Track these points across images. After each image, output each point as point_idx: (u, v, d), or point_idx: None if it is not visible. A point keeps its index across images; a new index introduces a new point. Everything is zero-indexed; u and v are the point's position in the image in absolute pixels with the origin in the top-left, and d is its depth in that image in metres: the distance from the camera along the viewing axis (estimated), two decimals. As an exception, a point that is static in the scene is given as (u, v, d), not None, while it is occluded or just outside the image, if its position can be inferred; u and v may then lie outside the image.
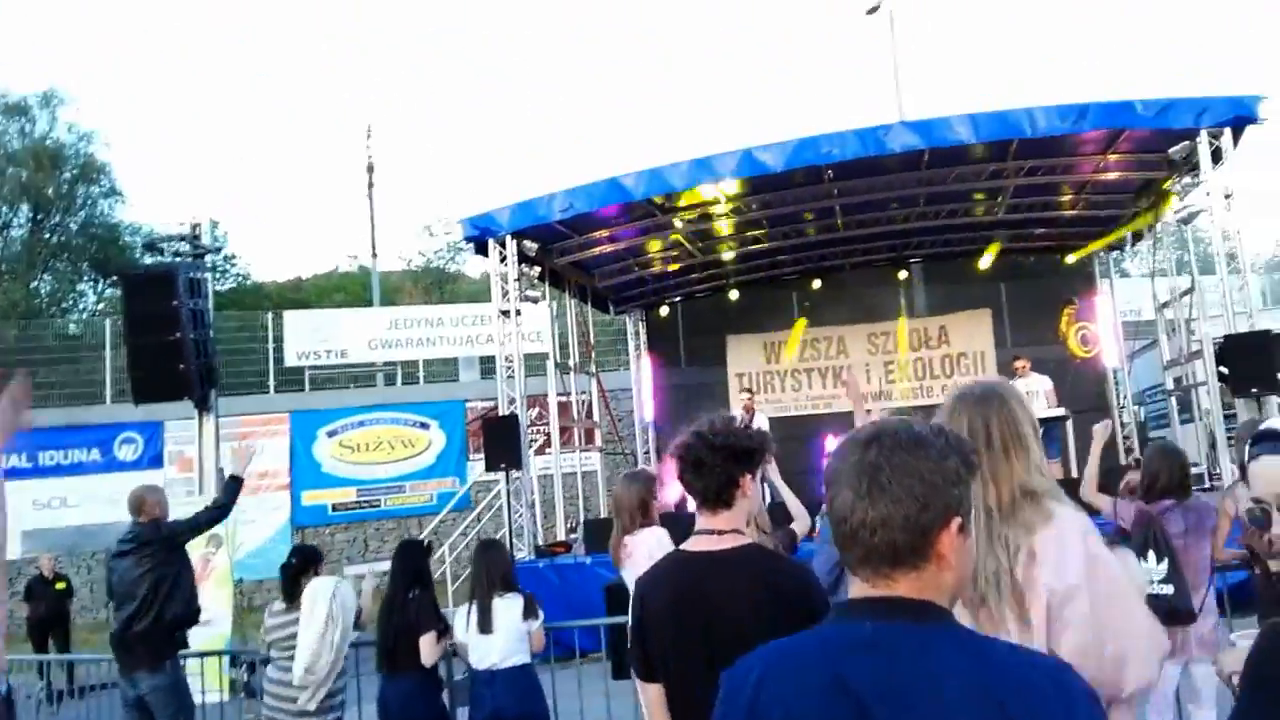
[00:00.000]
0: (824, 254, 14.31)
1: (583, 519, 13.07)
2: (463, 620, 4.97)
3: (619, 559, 4.72)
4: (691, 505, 2.76)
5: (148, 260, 12.20)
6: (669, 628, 2.56)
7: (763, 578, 2.52)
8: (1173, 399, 12.70)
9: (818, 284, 14.70)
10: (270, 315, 19.91)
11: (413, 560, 5.28)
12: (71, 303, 32.05)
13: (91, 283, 32.87)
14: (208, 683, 6.91)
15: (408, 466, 17.62)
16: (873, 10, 21.32)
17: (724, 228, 12.87)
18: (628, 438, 15.76)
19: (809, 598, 2.50)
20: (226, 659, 7.96)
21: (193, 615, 5.92)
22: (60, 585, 12.18)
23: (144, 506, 5.83)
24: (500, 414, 10.70)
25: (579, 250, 12.64)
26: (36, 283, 30.94)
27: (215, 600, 8.56)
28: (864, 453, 1.41)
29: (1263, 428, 2.19)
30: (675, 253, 13.53)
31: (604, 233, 12.39)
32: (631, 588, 4.93)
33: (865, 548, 1.38)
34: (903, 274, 14.67)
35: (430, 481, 17.61)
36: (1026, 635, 2.05)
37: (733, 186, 10.90)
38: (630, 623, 2.73)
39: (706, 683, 1.89)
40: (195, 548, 7.12)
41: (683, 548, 2.71)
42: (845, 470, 1.42)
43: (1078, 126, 9.53)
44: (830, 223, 12.86)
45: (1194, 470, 10.94)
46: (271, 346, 19.07)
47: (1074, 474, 11.53)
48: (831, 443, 12.47)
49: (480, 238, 11.14)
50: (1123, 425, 13.71)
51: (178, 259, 9.38)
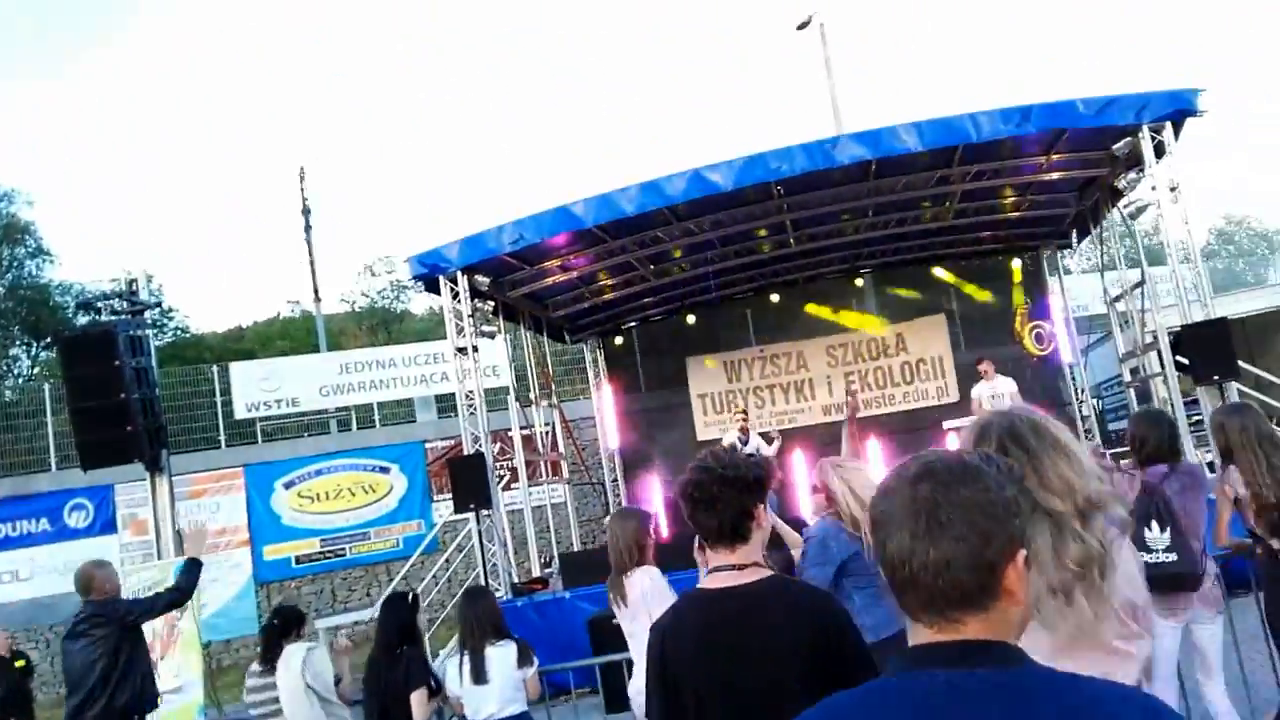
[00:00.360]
0: (778, 269, 14.29)
1: (556, 553, 12.86)
2: (454, 672, 4.78)
3: (617, 600, 4.57)
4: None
5: (83, 320, 11.81)
6: (700, 673, 2.38)
7: (800, 610, 2.37)
8: (1131, 390, 12.81)
9: (775, 299, 14.69)
10: (215, 368, 19.46)
11: (400, 615, 5.07)
12: (5, 368, 31.14)
13: (25, 347, 32.01)
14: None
15: (370, 512, 17.21)
16: (803, 26, 21.64)
17: (676, 250, 12.80)
18: (593, 467, 15.59)
19: (847, 629, 2.38)
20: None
21: (147, 701, 5.66)
22: (20, 664, 11.62)
23: (93, 584, 5.55)
24: (465, 453, 10.48)
25: (531, 281, 12.49)
26: (-35, 350, 30.10)
27: (185, 666, 8.23)
28: (915, 489, 1.32)
29: None
30: (628, 277, 13.44)
31: (555, 262, 12.25)
32: (626, 627, 4.80)
33: (929, 591, 1.29)
34: (859, 282, 14.70)
35: (395, 526, 17.22)
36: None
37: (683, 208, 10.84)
38: (649, 672, 2.54)
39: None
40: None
41: (702, 586, 2.54)
42: (897, 510, 1.32)
43: (1021, 128, 9.57)
44: (783, 238, 12.85)
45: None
46: (219, 400, 18.60)
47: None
48: (800, 457, 12.43)
49: (430, 275, 10.92)
50: (1083, 419, 13.87)
51: (115, 317, 9.06)
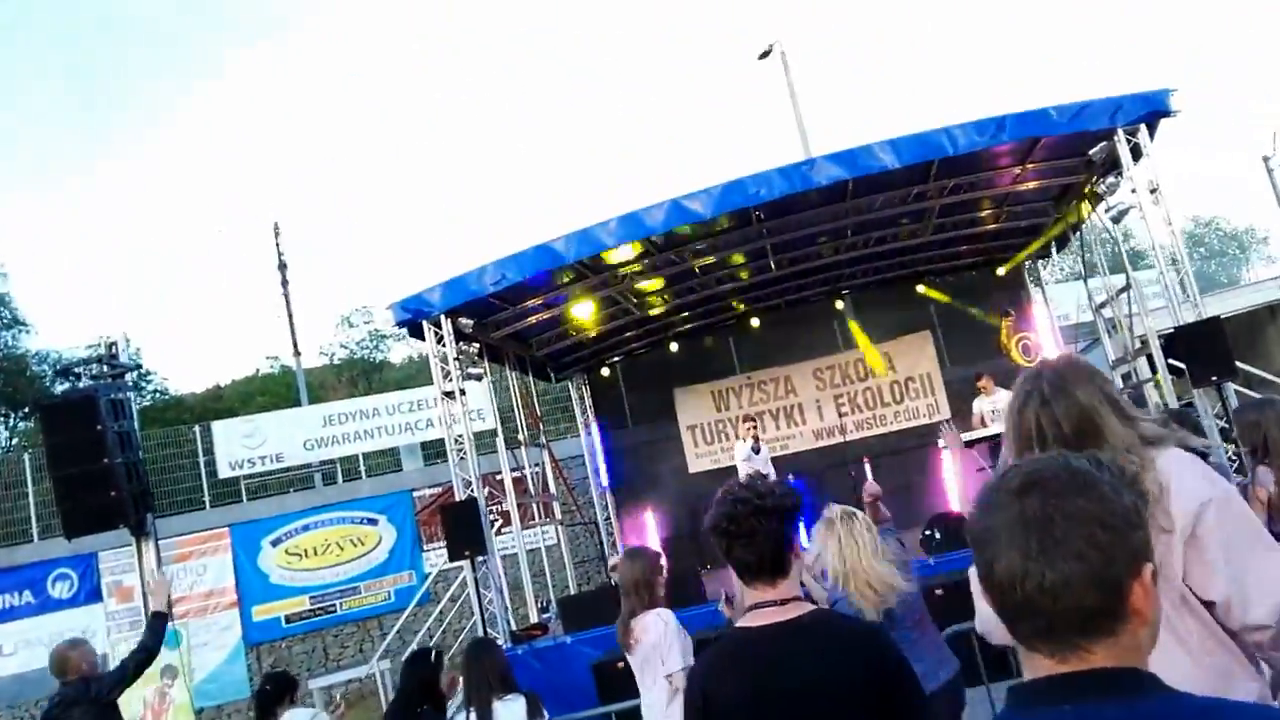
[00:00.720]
0: (760, 295, 14.21)
1: (553, 597, 12.64)
2: (462, 731, 4.59)
3: (628, 643, 4.43)
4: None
5: (61, 387, 11.59)
6: (750, 717, 2.24)
7: (853, 646, 2.25)
8: (1124, 396, 12.72)
9: (758, 324, 14.60)
10: (197, 427, 19.20)
11: (421, 673, 4.90)
12: (-16, 440, 30.71)
13: (3, 418, 31.63)
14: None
15: (360, 566, 16.89)
16: (764, 55, 21.78)
17: (658, 281, 12.71)
18: (585, 506, 15.40)
19: (902, 664, 2.25)
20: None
21: None
22: (4, 743, 11.36)
23: (68, 665, 5.30)
24: (456, 499, 10.28)
25: (514, 321, 12.36)
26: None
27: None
28: (1023, 502, 1.18)
29: None
30: (612, 311, 13.34)
31: (538, 300, 12.14)
32: (639, 672, 4.64)
33: (1047, 617, 1.16)
34: (839, 305, 14.64)
35: (386, 579, 16.92)
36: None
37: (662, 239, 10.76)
38: (688, 718, 2.39)
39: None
40: (150, 681, 6.64)
41: (744, 624, 2.38)
42: (1003, 527, 1.18)
43: (996, 139, 9.52)
44: (763, 263, 12.78)
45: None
46: (202, 459, 18.33)
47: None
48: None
49: (413, 320, 10.76)
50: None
51: (95, 381, 8.87)
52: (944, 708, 4.03)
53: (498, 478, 12.05)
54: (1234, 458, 7.58)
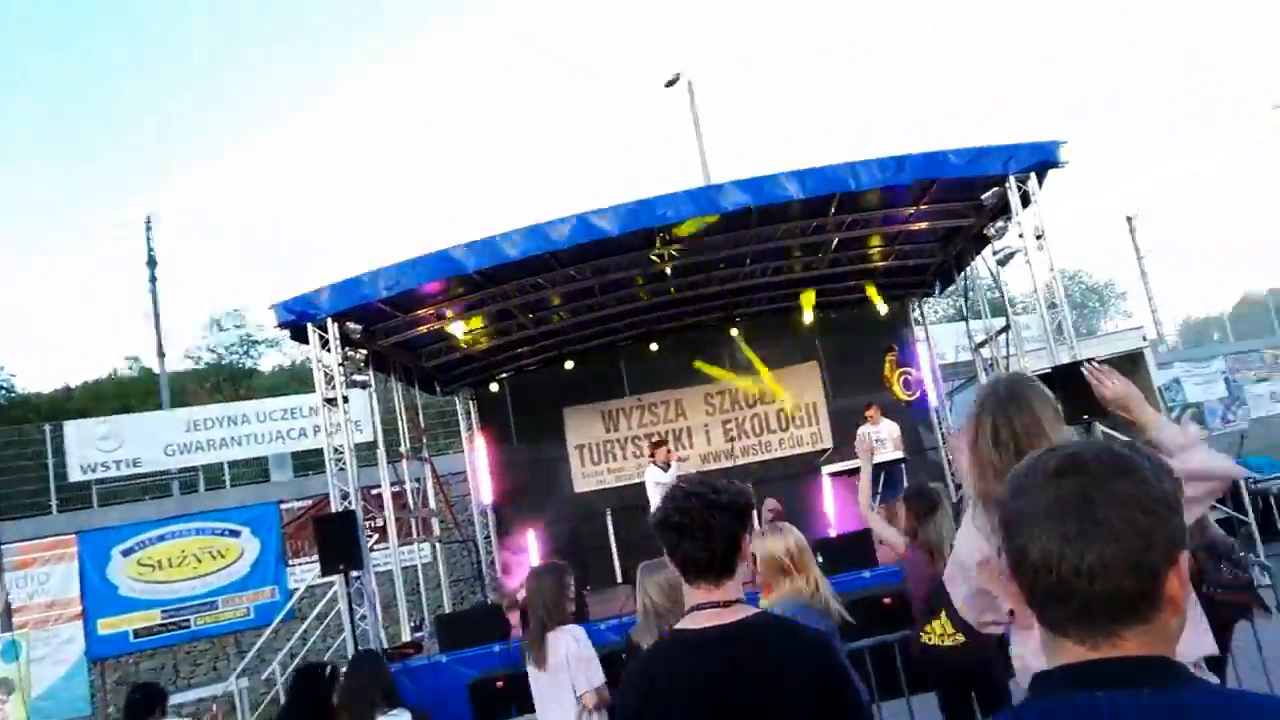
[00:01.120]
0: (657, 318, 14.17)
1: (426, 615, 12.24)
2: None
3: (538, 660, 4.24)
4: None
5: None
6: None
7: (802, 649, 2.15)
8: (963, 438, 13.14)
9: (654, 347, 14.55)
10: (48, 426, 18.01)
11: (313, 689, 4.58)
12: None
13: None
14: None
15: (219, 580, 15.91)
16: (671, 83, 21.98)
17: (555, 297, 12.52)
18: (463, 524, 15.00)
19: (847, 672, 2.17)
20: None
21: None
22: None
23: None
24: (334, 510, 9.84)
25: (404, 330, 11.98)
26: None
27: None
28: (1061, 483, 1.15)
29: None
30: (505, 325, 13.09)
31: (430, 310, 11.80)
32: (541, 690, 4.43)
33: (1082, 600, 1.13)
34: (734, 331, 14.70)
35: (246, 594, 16.01)
36: None
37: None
38: None
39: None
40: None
41: (685, 626, 2.24)
42: (1039, 509, 1.16)
43: (897, 178, 9.79)
44: (663, 285, 12.75)
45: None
46: (51, 461, 17.18)
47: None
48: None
49: (297, 322, 10.29)
50: (949, 462, 14.16)
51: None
52: None
53: (373, 491, 11.61)
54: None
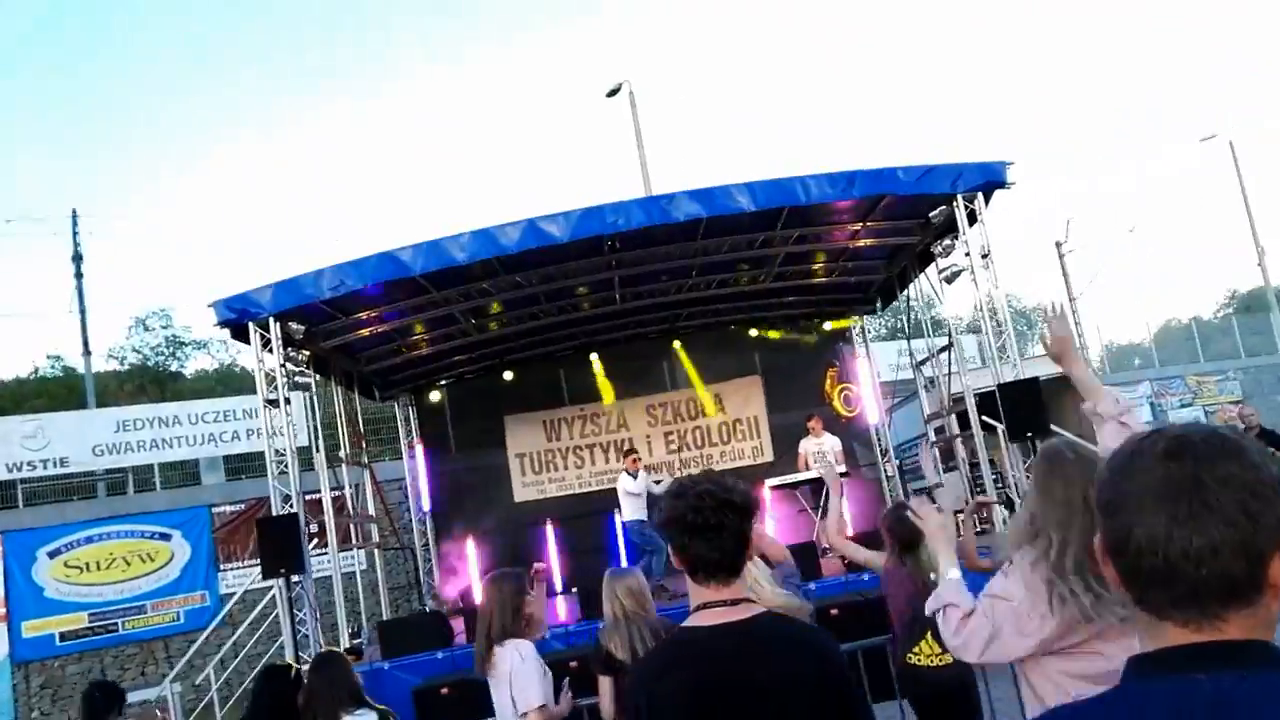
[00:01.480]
0: (600, 328, 14.13)
1: (365, 622, 12.08)
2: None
3: (485, 669, 4.19)
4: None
5: None
6: (702, 718, 2.10)
7: (808, 649, 2.16)
8: (935, 450, 13.38)
9: (595, 358, 14.51)
10: (-29, 424, 17.49)
11: (278, 689, 4.49)
12: None
13: None
14: None
15: (148, 583, 15.55)
16: (613, 93, 22.02)
17: (496, 304, 12.45)
18: (401, 530, 14.84)
19: (847, 671, 2.19)
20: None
21: None
22: None
23: None
24: (274, 513, 9.67)
25: (345, 332, 11.81)
26: None
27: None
28: (1169, 465, 1.13)
29: None
30: (448, 331, 12.98)
31: (374, 312, 11.65)
32: (500, 699, 4.38)
33: (1189, 584, 1.11)
34: (676, 343, 14.75)
35: (176, 598, 15.66)
36: None
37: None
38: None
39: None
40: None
41: (691, 624, 2.23)
42: (1145, 491, 1.13)
43: (846, 193, 9.89)
44: (609, 295, 12.73)
45: (959, 516, 11.55)
46: (-26, 460, 16.64)
47: (857, 529, 11.90)
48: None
49: (237, 321, 10.08)
50: (887, 478, 14.37)
51: None
52: None
53: (309, 496, 11.43)
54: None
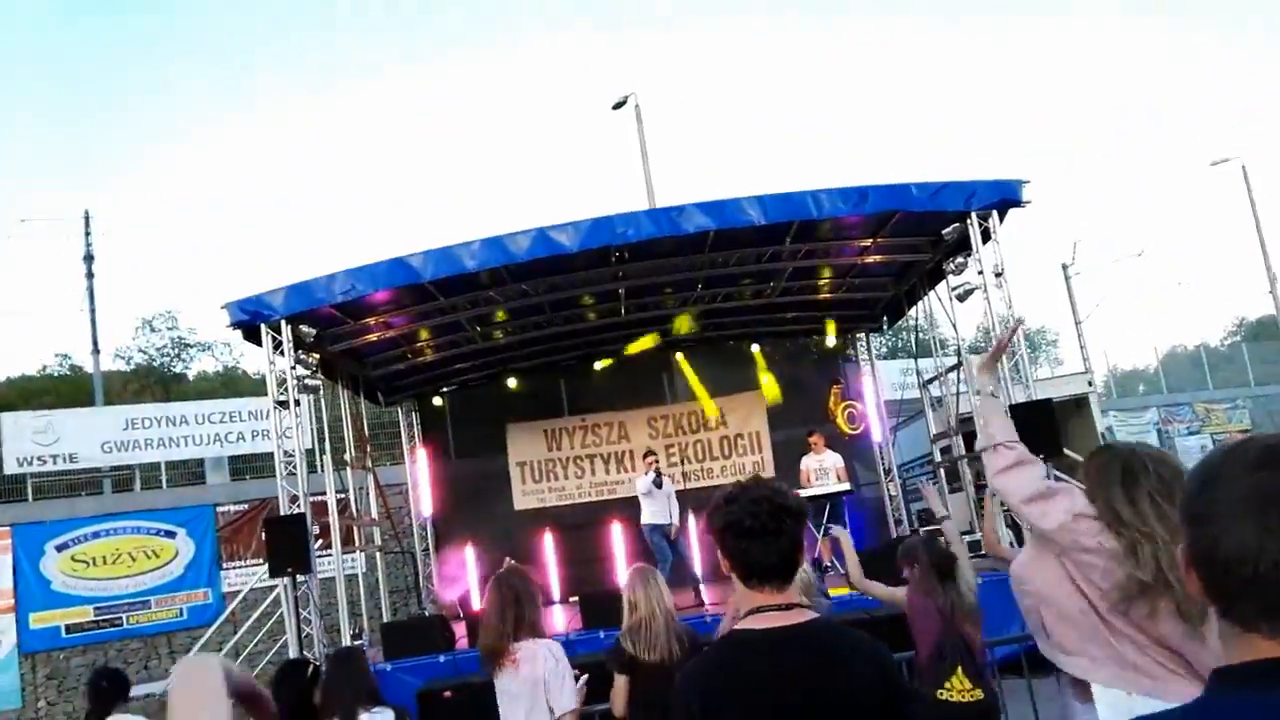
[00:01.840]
0: (604, 338, 14.21)
1: (366, 624, 12.15)
2: (318, 745, 4.28)
3: (500, 666, 4.19)
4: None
5: None
6: None
7: (866, 655, 2.16)
8: (941, 470, 13.40)
9: (598, 367, 14.57)
10: (-15, 419, 17.61)
11: (296, 685, 4.58)
12: None
13: None
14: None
15: (153, 579, 15.69)
16: (619, 105, 22.12)
17: (501, 312, 12.51)
18: (402, 534, 14.92)
19: (904, 678, 2.22)
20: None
21: None
22: None
23: None
24: (282, 514, 9.77)
25: (353, 337, 11.93)
26: None
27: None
28: (1259, 474, 1.11)
29: None
30: (453, 338, 13.08)
31: (381, 318, 11.76)
32: (512, 700, 4.36)
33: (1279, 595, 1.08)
34: (679, 355, 14.79)
35: (179, 594, 15.78)
36: None
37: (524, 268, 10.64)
38: None
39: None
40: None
41: (746, 627, 2.22)
42: (1236, 500, 1.11)
43: (859, 208, 9.86)
44: (614, 306, 12.82)
45: (967, 537, 11.59)
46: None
47: (860, 547, 11.95)
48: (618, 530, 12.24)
49: (250, 322, 10.21)
50: (890, 498, 14.39)
51: None
52: None
53: (314, 499, 11.52)
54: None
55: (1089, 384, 16.81)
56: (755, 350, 14.73)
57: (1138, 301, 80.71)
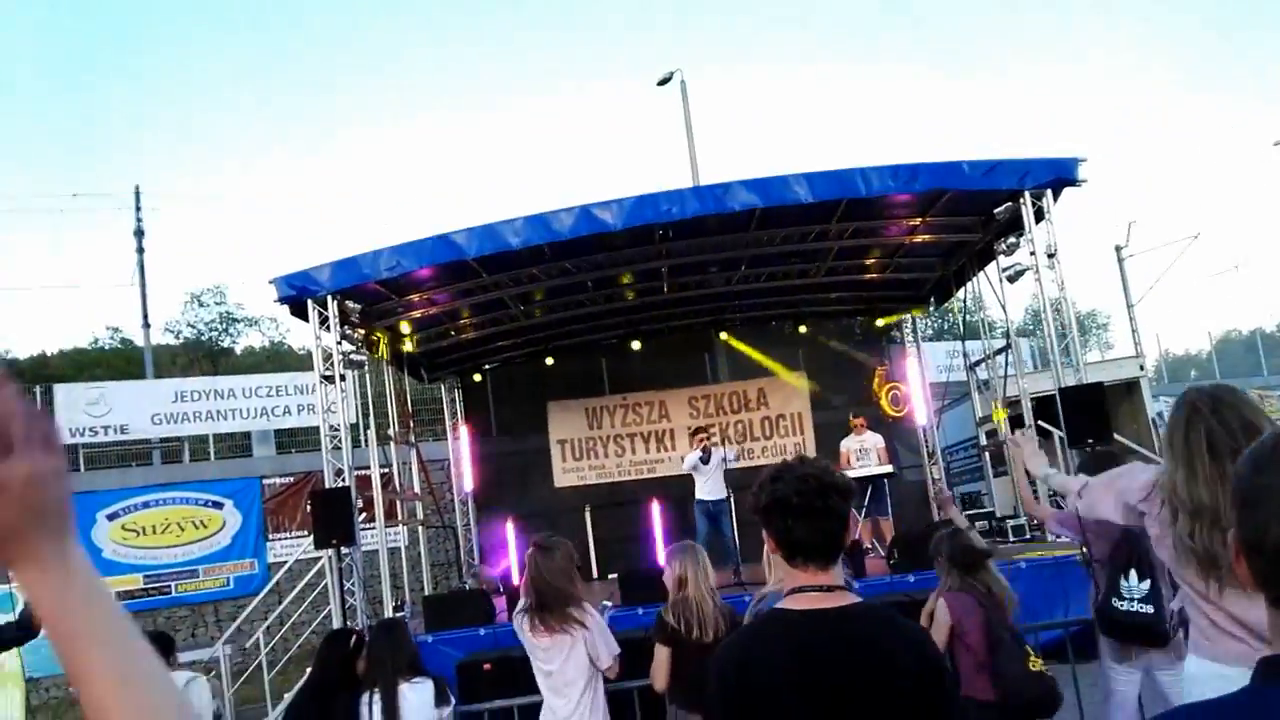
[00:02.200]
0: (645, 317, 14.19)
1: (409, 596, 12.28)
2: (364, 712, 4.33)
3: (545, 633, 4.27)
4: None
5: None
6: (797, 706, 2.06)
7: (908, 641, 2.13)
8: (986, 454, 13.25)
9: (639, 346, 14.57)
10: (38, 389, 17.97)
11: (342, 652, 4.66)
12: None
13: None
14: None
15: (201, 549, 16.01)
16: (664, 81, 22.02)
17: (539, 292, 12.52)
18: (444, 510, 15.06)
19: (942, 659, 2.19)
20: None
21: None
22: None
23: None
24: (327, 487, 9.88)
25: (398, 313, 12.01)
26: None
27: (7, 704, 7.45)
28: None
29: None
30: (495, 316, 13.12)
31: (425, 295, 11.81)
32: (557, 666, 4.42)
33: None
34: (724, 335, 14.77)
35: (226, 564, 16.10)
36: None
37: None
38: (713, 706, 2.19)
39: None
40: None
41: (786, 606, 2.20)
42: None
43: (909, 186, 9.69)
44: (656, 285, 12.78)
45: (1011, 522, 11.47)
46: (41, 423, 17.10)
47: (900, 529, 11.88)
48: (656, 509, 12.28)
49: (297, 298, 10.29)
50: (933, 481, 14.27)
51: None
52: None
53: (358, 473, 11.65)
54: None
55: (1140, 368, 16.53)
56: (799, 330, 14.67)
57: (1192, 285, 79.16)
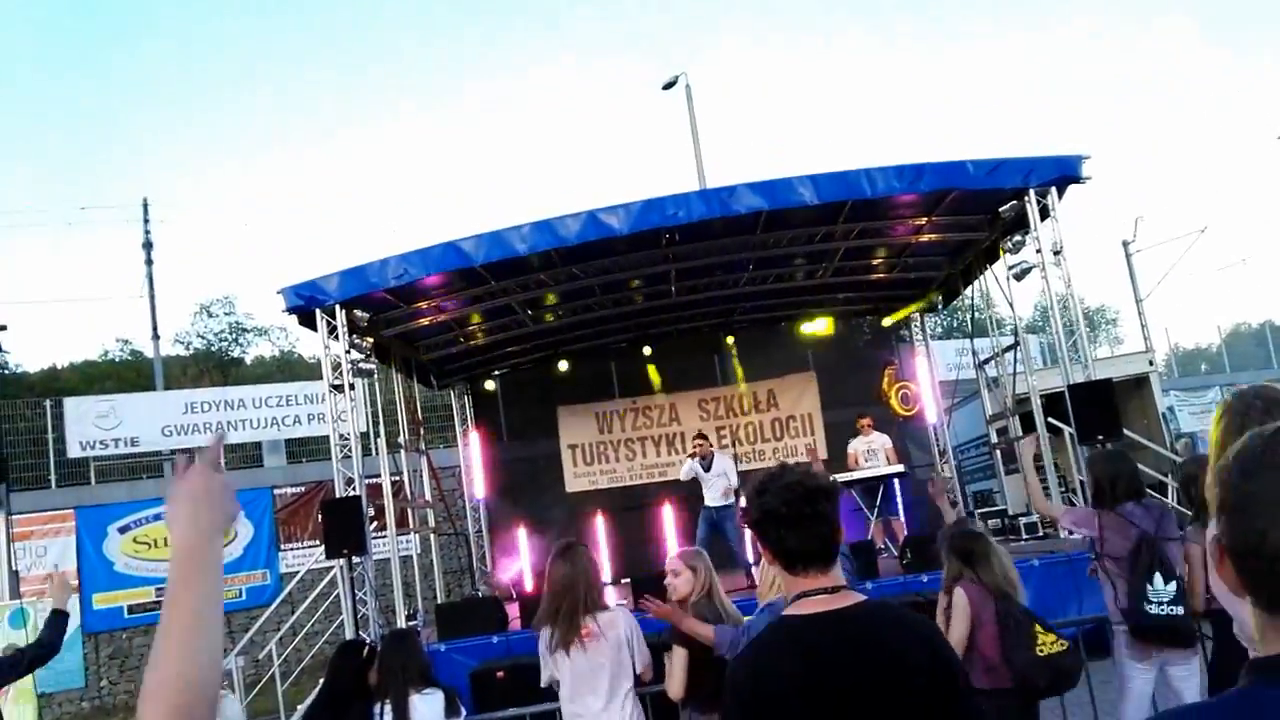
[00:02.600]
0: (654, 321, 14.19)
1: (420, 605, 12.28)
2: (377, 722, 4.35)
3: (571, 642, 4.22)
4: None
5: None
6: (810, 709, 2.05)
7: (918, 636, 2.13)
8: (998, 452, 13.20)
9: (647, 351, 14.58)
10: (48, 402, 18.05)
11: (354, 663, 4.65)
12: None
13: None
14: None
15: (212, 561, 16.08)
16: (669, 85, 22.01)
17: (550, 296, 12.53)
18: (456, 517, 15.07)
19: (954, 655, 2.18)
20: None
21: None
22: None
23: None
24: (337, 496, 9.89)
25: (405, 321, 12.02)
26: None
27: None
28: None
29: None
30: (504, 322, 13.13)
31: (433, 302, 11.83)
32: (586, 672, 4.38)
33: None
34: (730, 339, 14.76)
35: (238, 576, 16.10)
36: None
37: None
38: (728, 713, 2.19)
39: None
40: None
41: (793, 612, 2.21)
42: (1275, 489, 1.05)
43: (914, 186, 9.70)
44: (663, 288, 12.77)
45: (1023, 519, 11.43)
46: (51, 437, 17.21)
47: (912, 529, 11.85)
48: (669, 512, 12.23)
49: (305, 307, 10.31)
50: (946, 479, 14.22)
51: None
52: None
53: (369, 481, 11.65)
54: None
55: (1150, 363, 16.47)
56: (807, 331, 14.65)
57: (1200, 279, 78.91)
